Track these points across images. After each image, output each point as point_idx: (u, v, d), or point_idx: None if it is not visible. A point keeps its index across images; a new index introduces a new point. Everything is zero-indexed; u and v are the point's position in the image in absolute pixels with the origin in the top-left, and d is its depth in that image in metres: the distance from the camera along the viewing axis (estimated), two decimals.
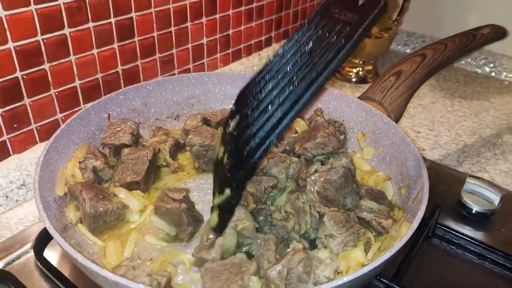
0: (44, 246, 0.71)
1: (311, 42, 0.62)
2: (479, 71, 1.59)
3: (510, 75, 1.53)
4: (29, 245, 0.76)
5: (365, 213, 0.72)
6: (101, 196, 0.70)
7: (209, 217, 0.66)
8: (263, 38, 1.39)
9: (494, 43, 1.12)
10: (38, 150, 0.84)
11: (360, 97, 0.91)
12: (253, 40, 1.35)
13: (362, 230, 0.67)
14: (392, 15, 1.41)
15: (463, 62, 1.62)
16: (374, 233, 0.69)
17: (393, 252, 0.55)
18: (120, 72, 0.98)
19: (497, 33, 1.08)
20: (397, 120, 0.88)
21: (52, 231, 0.56)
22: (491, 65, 1.57)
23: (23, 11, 0.77)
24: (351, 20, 0.60)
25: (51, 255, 0.72)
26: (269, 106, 0.60)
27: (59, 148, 0.71)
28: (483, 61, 1.58)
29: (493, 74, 1.57)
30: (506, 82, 1.52)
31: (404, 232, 0.59)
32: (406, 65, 0.92)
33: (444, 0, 1.59)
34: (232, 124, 0.65)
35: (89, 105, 0.80)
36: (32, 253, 0.71)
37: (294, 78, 0.60)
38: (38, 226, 0.80)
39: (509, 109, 1.34)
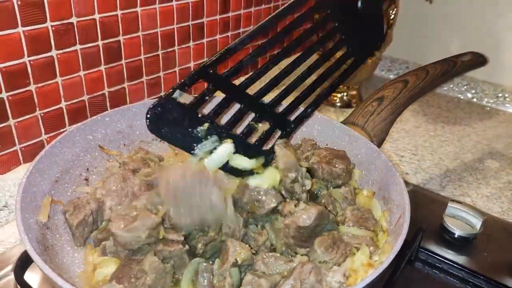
0: (25, 269, 0.70)
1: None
2: (461, 97, 1.63)
3: (492, 101, 1.57)
4: (10, 267, 0.75)
5: (346, 239, 0.70)
6: None
7: None
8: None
9: (476, 70, 1.15)
10: (21, 171, 0.84)
11: (343, 122, 0.92)
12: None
13: (349, 248, 0.67)
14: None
15: (445, 88, 1.65)
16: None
17: (374, 277, 0.55)
18: (107, 94, 0.99)
19: (477, 60, 1.11)
20: (379, 144, 0.89)
21: (32, 254, 0.55)
22: (473, 91, 1.60)
23: (11, 32, 0.78)
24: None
25: (33, 277, 0.71)
26: None
27: (42, 170, 0.71)
28: (465, 87, 1.61)
29: (475, 100, 1.60)
30: (488, 108, 1.56)
31: (386, 256, 0.59)
32: (388, 90, 0.94)
33: (427, 28, 1.63)
34: None
35: (74, 126, 0.80)
36: (12, 276, 0.70)
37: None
38: (19, 248, 0.79)
39: (491, 134, 1.37)
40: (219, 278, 0.62)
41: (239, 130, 0.69)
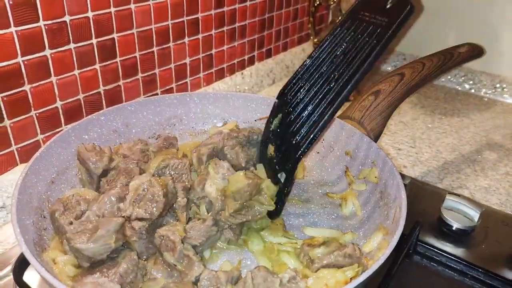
0: (24, 269, 0.70)
1: (344, 44, 0.71)
2: (459, 88, 1.62)
3: (490, 92, 1.57)
4: (9, 268, 0.75)
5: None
6: None
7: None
8: (246, 57, 1.40)
9: (473, 60, 1.14)
10: (19, 172, 0.83)
11: (339, 116, 0.92)
12: (236, 59, 1.36)
13: None
14: None
15: (443, 79, 1.65)
16: None
17: (371, 273, 0.55)
18: (102, 92, 0.99)
19: (474, 51, 1.10)
20: (376, 139, 0.89)
21: (28, 256, 0.56)
22: (471, 82, 1.60)
23: (3, 32, 0.77)
24: (381, 22, 0.68)
25: (32, 277, 0.71)
26: (309, 104, 0.71)
27: (38, 171, 0.71)
28: (462, 78, 1.61)
29: (472, 91, 1.60)
30: (486, 99, 1.55)
31: (382, 252, 0.59)
32: (384, 84, 0.93)
33: (424, 19, 1.62)
34: (275, 122, 0.78)
35: (69, 126, 0.80)
36: (11, 277, 0.70)
37: (331, 77, 0.69)
38: (18, 249, 0.78)
39: (489, 125, 1.36)
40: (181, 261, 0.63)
41: None
